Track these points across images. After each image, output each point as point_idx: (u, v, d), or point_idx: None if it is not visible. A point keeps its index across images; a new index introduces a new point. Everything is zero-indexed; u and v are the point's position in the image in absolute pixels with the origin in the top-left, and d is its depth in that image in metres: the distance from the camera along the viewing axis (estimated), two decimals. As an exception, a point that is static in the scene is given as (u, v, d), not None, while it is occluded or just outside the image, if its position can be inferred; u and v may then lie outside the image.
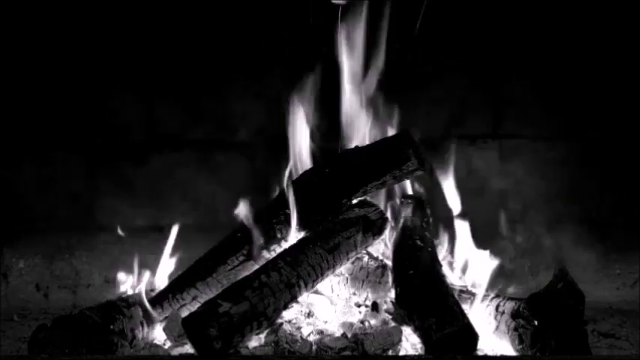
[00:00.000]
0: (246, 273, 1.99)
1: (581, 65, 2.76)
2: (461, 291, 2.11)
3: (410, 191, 2.42)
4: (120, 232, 2.57)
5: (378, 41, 2.43)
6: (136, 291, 2.17)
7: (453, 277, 2.25)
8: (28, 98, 2.75)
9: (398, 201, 2.38)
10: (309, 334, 1.98)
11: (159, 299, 2.09)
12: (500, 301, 2.01)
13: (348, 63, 2.40)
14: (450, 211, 2.39)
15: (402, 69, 2.68)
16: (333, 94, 2.44)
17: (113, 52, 2.73)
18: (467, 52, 2.76)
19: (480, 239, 2.28)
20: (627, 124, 2.79)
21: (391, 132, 2.38)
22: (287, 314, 2.01)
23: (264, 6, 2.69)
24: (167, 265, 2.26)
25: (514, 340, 1.88)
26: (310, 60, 2.51)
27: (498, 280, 2.13)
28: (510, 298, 2.01)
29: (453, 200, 2.41)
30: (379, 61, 2.41)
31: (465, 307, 1.98)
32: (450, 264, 2.30)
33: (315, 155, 2.39)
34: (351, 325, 2.00)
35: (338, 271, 2.10)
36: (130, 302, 2.03)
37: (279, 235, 2.13)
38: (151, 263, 2.26)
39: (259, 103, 2.71)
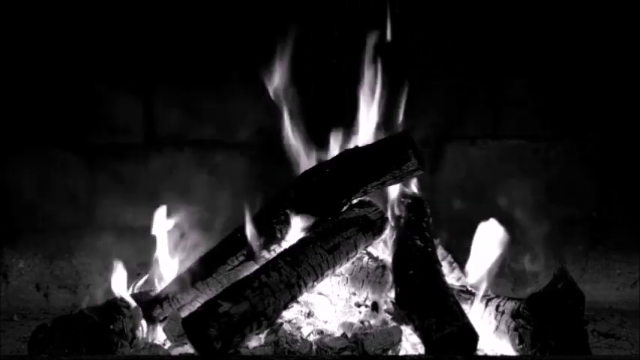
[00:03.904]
0: (246, 273, 1.98)
1: (581, 65, 2.76)
2: (461, 291, 2.11)
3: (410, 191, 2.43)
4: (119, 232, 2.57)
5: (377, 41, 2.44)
6: (135, 291, 2.18)
7: (453, 277, 2.25)
8: (27, 98, 2.74)
9: (398, 201, 2.38)
10: (309, 334, 1.98)
11: (159, 299, 2.09)
12: (500, 301, 2.01)
13: (348, 63, 2.40)
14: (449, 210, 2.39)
15: (403, 68, 2.68)
16: (332, 94, 2.45)
17: (113, 51, 2.72)
18: (467, 52, 2.76)
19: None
20: (627, 124, 2.79)
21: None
22: (287, 314, 2.01)
23: (265, 5, 2.69)
24: (167, 265, 2.26)
25: (514, 340, 1.88)
26: (310, 60, 2.51)
27: (499, 280, 2.13)
28: (510, 298, 2.01)
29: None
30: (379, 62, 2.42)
31: (465, 307, 1.98)
32: (450, 264, 2.30)
33: (315, 155, 2.39)
34: (351, 325, 2.00)
35: (338, 271, 2.10)
36: (129, 302, 2.03)
37: (279, 235, 2.13)
38: (150, 263, 2.26)
39: (259, 103, 2.71)
